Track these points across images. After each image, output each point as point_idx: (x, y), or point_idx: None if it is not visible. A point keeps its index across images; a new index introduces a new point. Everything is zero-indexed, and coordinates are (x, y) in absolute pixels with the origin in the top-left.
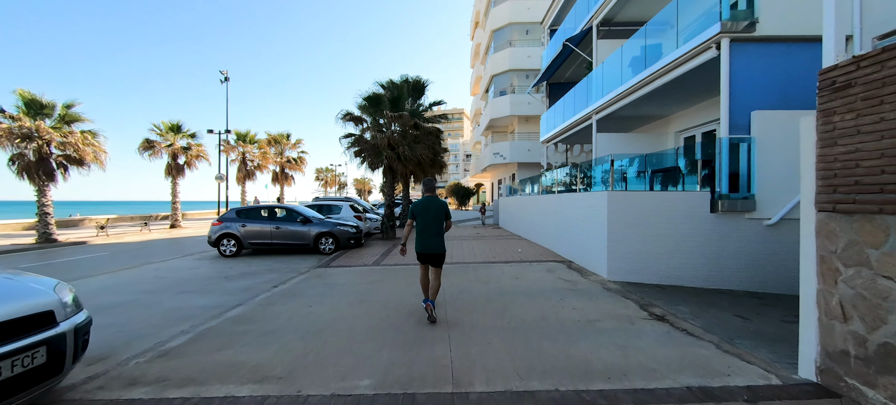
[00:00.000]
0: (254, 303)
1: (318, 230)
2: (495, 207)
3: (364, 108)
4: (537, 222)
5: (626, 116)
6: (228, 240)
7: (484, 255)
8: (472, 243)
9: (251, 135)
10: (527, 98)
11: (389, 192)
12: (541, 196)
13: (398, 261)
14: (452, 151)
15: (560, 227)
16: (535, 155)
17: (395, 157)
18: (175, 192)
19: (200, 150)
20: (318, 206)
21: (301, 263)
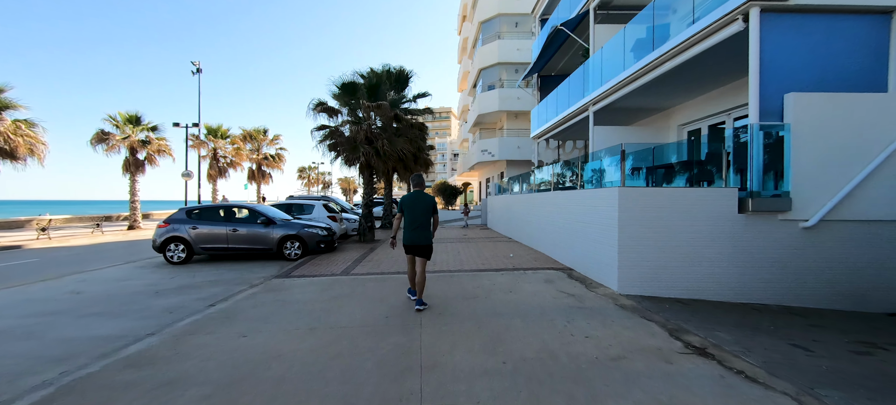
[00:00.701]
0: (171, 331)
1: (282, 233)
2: (483, 207)
3: (339, 96)
4: (530, 223)
5: (625, 108)
6: (176, 244)
7: (471, 262)
8: (458, 247)
9: (223, 129)
10: (516, 92)
11: (367, 190)
12: (534, 194)
13: (372, 269)
14: (440, 150)
15: (558, 230)
16: (525, 152)
17: (373, 152)
18: (134, 190)
19: (162, 145)
20: (288, 206)
21: (258, 272)
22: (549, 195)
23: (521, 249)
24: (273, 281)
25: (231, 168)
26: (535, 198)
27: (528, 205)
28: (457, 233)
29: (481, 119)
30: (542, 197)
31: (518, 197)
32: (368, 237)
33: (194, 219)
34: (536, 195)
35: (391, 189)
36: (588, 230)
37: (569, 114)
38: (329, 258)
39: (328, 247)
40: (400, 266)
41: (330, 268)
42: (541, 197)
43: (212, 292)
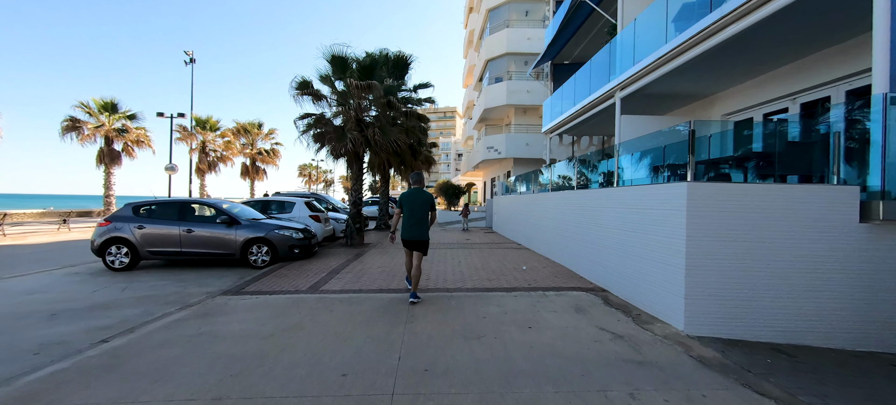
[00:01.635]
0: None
1: (247, 235)
2: (488, 208)
3: (326, 78)
4: (544, 229)
5: (658, 94)
6: (118, 246)
7: (475, 276)
8: (459, 254)
9: (212, 121)
10: (525, 85)
11: (355, 185)
12: (549, 194)
13: (349, 284)
14: (444, 150)
15: (583, 238)
16: (535, 149)
17: (363, 141)
18: (109, 183)
19: (141, 135)
20: (265, 203)
21: (209, 284)
22: (569, 195)
23: (534, 259)
24: (216, 300)
25: (221, 163)
26: (551, 198)
27: (541, 206)
28: (457, 237)
29: (487, 114)
30: (560, 198)
31: (529, 197)
32: (356, 240)
33: (142, 218)
34: (552, 195)
35: (388, 187)
36: (633, 240)
37: (588, 103)
38: (302, 267)
39: (304, 253)
40: (384, 280)
41: (297, 282)
42: (558, 197)
43: (125, 316)
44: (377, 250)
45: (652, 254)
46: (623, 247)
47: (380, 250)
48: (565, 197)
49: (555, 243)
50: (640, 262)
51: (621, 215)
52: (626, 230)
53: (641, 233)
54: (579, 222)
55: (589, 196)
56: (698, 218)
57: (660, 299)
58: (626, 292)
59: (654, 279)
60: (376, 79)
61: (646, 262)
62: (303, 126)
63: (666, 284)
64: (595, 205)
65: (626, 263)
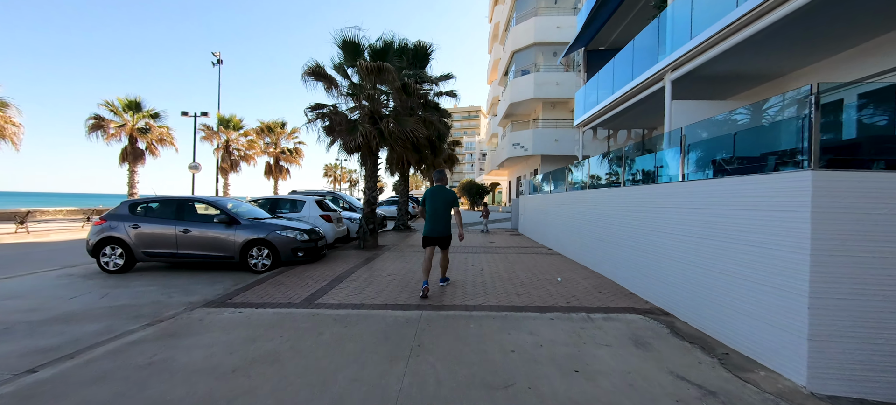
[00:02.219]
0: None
1: (246, 236)
2: (514, 209)
3: (338, 67)
4: (581, 232)
5: (718, 76)
6: (113, 247)
7: (500, 288)
8: (481, 260)
9: (236, 120)
10: (554, 77)
11: (369, 183)
12: (588, 192)
13: (350, 296)
14: (468, 149)
15: (636, 245)
16: (564, 146)
17: (376, 134)
18: (133, 181)
19: (164, 133)
20: (274, 202)
21: (197, 292)
22: (615, 194)
23: (569, 268)
24: (193, 313)
25: (244, 161)
26: (590, 197)
27: (577, 207)
28: (479, 239)
29: (513, 109)
30: (603, 196)
31: (560, 196)
32: (369, 242)
33: (138, 216)
34: (592, 194)
35: (407, 185)
36: (712, 251)
37: (630, 90)
38: (305, 272)
39: (310, 256)
40: (393, 291)
41: (292, 291)
42: (600, 196)
43: (80, 334)
44: (392, 254)
45: (747, 270)
46: (696, 258)
47: (395, 254)
48: (609, 195)
49: (595, 250)
50: (726, 281)
51: (694, 218)
52: (701, 237)
53: (726, 243)
54: (629, 226)
55: (643, 194)
56: (830, 223)
57: (761, 336)
58: (702, 319)
59: (749, 306)
60: (389, 61)
61: (734, 282)
62: (312, 115)
63: (773, 316)
64: (652, 205)
65: (701, 280)
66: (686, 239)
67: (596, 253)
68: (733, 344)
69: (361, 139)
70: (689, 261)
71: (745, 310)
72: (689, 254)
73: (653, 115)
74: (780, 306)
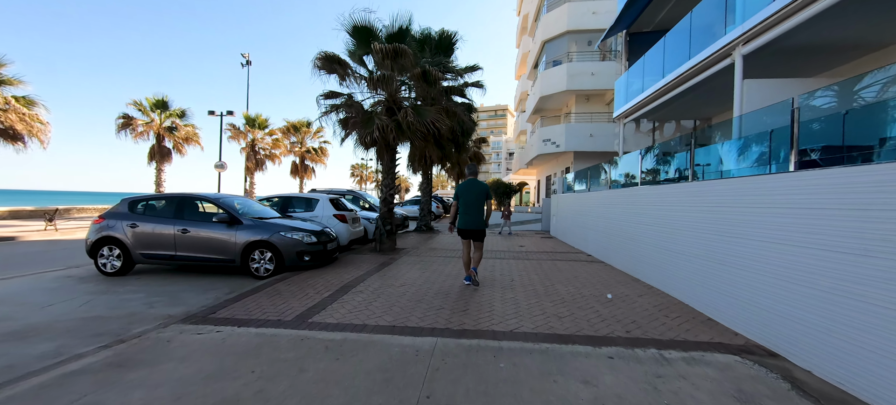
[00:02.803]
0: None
1: (248, 237)
2: (545, 209)
3: (353, 54)
4: (633, 236)
5: (803, 47)
6: (111, 248)
7: (537, 308)
8: (511, 268)
9: (261, 119)
10: (589, 66)
11: (386, 180)
12: (644, 189)
13: (350, 314)
14: (495, 149)
15: (714, 255)
16: (600, 141)
17: (393, 126)
18: (160, 180)
19: (190, 132)
20: (286, 200)
21: (181, 302)
22: (684, 191)
23: (619, 280)
24: (165, 332)
25: (270, 161)
26: (647, 195)
27: (627, 206)
28: (507, 243)
29: (543, 104)
30: (665, 194)
31: (605, 195)
32: (386, 245)
33: (137, 215)
34: (649, 191)
35: (430, 184)
36: (868, 271)
37: (685, 72)
38: (309, 279)
39: (319, 260)
40: (405, 308)
41: (287, 305)
42: (661, 194)
43: (26, 356)
44: (410, 259)
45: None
46: (828, 282)
47: (413, 259)
48: (673, 193)
49: (652, 259)
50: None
51: (834, 223)
52: (845, 253)
53: None
54: (704, 231)
55: (731, 190)
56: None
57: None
58: (838, 369)
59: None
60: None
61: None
62: (325, 105)
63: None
64: (745, 205)
65: (839, 314)
66: (819, 253)
67: (653, 263)
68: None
69: (377, 132)
70: (815, 285)
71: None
72: (814, 274)
73: (710, 102)
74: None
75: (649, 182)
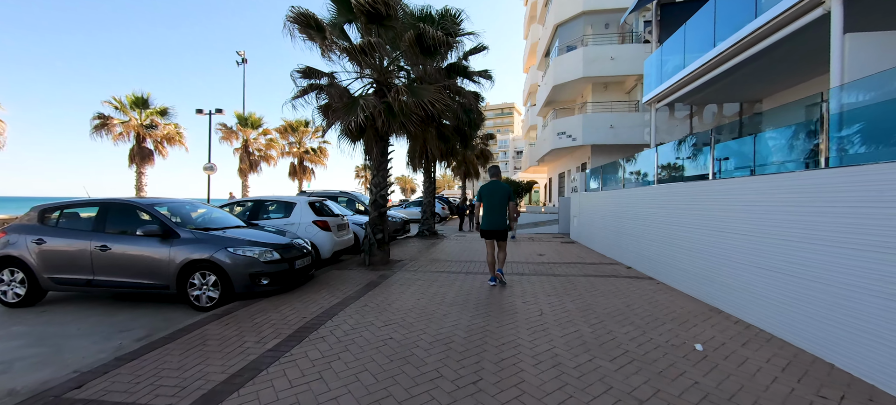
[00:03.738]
0: None
1: (186, 256)
2: (563, 209)
3: (335, 25)
4: (701, 248)
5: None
6: (12, 271)
7: (592, 377)
8: (535, 291)
9: (254, 117)
10: (608, 50)
11: (376, 178)
12: (741, 182)
13: (296, 395)
14: (502, 147)
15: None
16: (622, 133)
17: (383, 110)
18: (140, 184)
19: (172, 131)
20: (257, 205)
21: (66, 351)
22: (822, 181)
23: (690, 310)
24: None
25: (264, 162)
26: (734, 191)
27: (694, 206)
28: (523, 252)
29: (556, 94)
30: (769, 184)
31: (665, 191)
32: (378, 257)
33: (48, 228)
34: (745, 185)
35: (433, 182)
36: None
37: (751, 35)
38: (263, 312)
39: (283, 282)
40: (376, 379)
41: (199, 370)
42: (760, 185)
43: None
44: (406, 275)
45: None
46: None
47: (410, 275)
48: (810, 186)
49: (751, 285)
50: None
51: None
52: None
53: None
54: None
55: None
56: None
57: None
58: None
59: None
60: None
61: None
62: (303, 83)
63: None
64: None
65: None
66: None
67: (748, 289)
68: None
69: (363, 117)
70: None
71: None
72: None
73: (768, 77)
74: None
75: (729, 170)
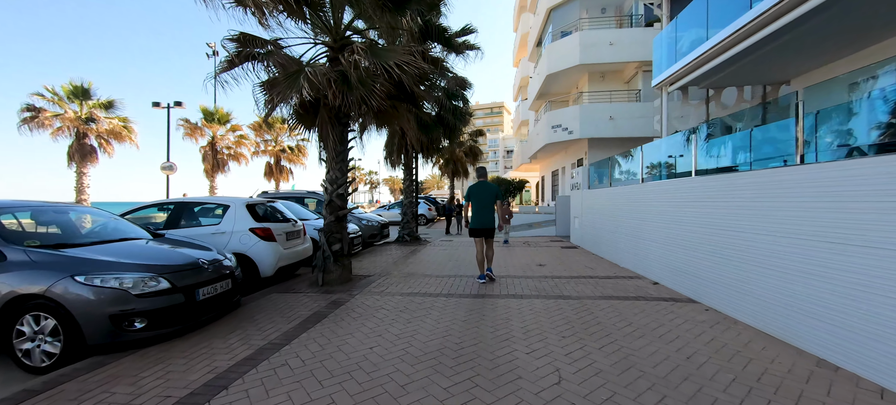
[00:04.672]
0: None
1: (13, 288)
2: (560, 209)
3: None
4: (787, 265)
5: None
6: None
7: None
8: (542, 323)
9: (222, 112)
10: (607, 35)
11: (333, 172)
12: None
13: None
14: (491, 147)
15: None
16: (623, 125)
17: (337, 79)
18: (81, 185)
19: (117, 126)
20: (179, 208)
21: None
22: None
23: (775, 353)
24: None
25: (234, 161)
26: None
27: (761, 206)
28: (517, 261)
29: (549, 85)
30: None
31: (706, 186)
32: (333, 274)
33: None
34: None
35: (415, 179)
36: None
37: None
38: (121, 376)
39: (178, 320)
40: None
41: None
42: None
43: None
44: (368, 299)
45: None
46: None
47: (375, 299)
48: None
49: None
50: None
51: None
52: None
53: None
54: None
55: None
56: None
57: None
58: None
59: None
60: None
61: None
62: (233, 49)
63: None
64: None
65: None
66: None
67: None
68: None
69: (309, 90)
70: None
71: None
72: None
73: (802, 52)
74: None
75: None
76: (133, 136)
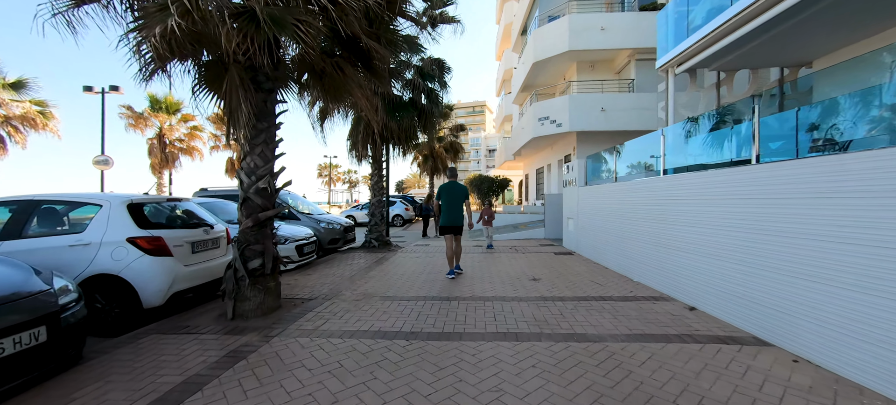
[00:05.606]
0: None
1: None
2: (551, 209)
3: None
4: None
5: None
6: None
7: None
8: (554, 394)
9: (171, 100)
10: (598, 19)
11: (251, 158)
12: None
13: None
14: (473, 146)
15: None
16: (615, 118)
17: (268, 24)
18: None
19: (31, 110)
20: (22, 207)
21: None
22: None
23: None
24: None
25: (186, 155)
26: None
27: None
28: (500, 273)
29: (536, 75)
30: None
31: (731, 177)
32: (250, 304)
33: None
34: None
35: (384, 177)
36: None
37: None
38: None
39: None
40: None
41: None
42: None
43: None
44: (293, 344)
45: None
46: None
47: (302, 340)
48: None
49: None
50: None
51: None
52: None
53: None
54: None
55: None
56: None
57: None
58: None
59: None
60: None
61: None
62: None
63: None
64: None
65: None
66: None
67: None
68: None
69: (179, 20)
70: None
71: None
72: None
73: (831, 29)
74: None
75: None
76: (51, 125)
